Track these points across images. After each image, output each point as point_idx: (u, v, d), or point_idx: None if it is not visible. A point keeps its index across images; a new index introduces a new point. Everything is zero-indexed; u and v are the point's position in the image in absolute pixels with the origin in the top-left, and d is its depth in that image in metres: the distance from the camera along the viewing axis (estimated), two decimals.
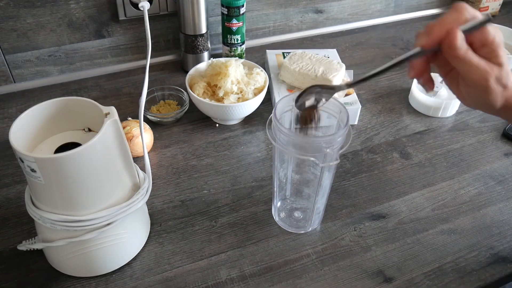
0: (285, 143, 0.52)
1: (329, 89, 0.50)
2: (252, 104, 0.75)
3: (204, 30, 0.87)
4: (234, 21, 0.86)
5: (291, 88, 0.81)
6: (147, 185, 0.55)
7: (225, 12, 0.85)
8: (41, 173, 0.44)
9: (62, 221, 0.48)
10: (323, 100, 0.51)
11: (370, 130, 0.80)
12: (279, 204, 0.64)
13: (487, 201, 0.67)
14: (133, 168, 0.53)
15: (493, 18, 0.46)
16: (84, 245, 0.51)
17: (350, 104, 0.78)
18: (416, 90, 0.82)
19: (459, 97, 0.49)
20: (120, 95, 0.86)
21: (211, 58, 0.85)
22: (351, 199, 0.67)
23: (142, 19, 0.87)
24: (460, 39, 0.42)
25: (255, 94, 0.77)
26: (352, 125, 0.80)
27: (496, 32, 0.43)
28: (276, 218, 0.63)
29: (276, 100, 0.78)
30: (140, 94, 0.71)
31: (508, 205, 0.66)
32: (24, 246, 0.55)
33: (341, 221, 0.63)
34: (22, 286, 0.54)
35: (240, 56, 0.93)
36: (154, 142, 0.74)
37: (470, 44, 0.43)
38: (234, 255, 0.59)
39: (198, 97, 0.74)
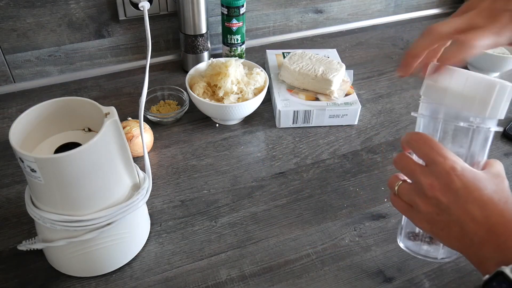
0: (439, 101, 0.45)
1: None
2: (252, 104, 0.75)
3: (204, 30, 0.87)
4: (234, 21, 0.86)
5: (291, 88, 0.81)
6: (147, 185, 0.55)
7: (225, 12, 0.85)
8: (41, 173, 0.44)
9: (62, 221, 0.48)
10: None
11: (370, 130, 0.80)
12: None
13: None
14: (133, 168, 0.53)
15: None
16: (84, 245, 0.51)
17: (350, 104, 0.78)
18: None
19: None
20: (120, 95, 0.86)
21: (211, 58, 0.85)
22: (351, 199, 0.67)
23: (142, 19, 0.87)
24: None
25: (255, 94, 0.77)
26: (352, 125, 0.80)
27: None
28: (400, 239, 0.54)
29: (276, 100, 0.78)
30: (140, 94, 0.71)
31: None
32: (24, 246, 0.55)
33: (341, 221, 0.63)
34: (22, 286, 0.54)
35: (240, 56, 0.92)
36: (154, 142, 0.74)
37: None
38: (234, 255, 0.59)
39: (198, 97, 0.74)
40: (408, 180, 0.46)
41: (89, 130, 0.53)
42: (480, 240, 0.39)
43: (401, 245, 0.54)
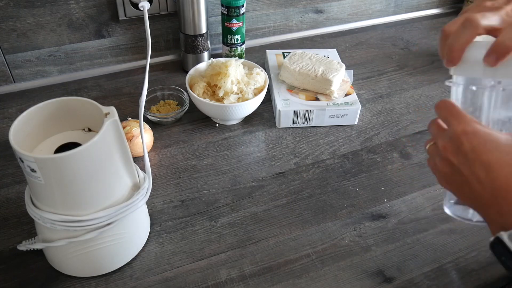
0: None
1: None
2: (252, 104, 0.75)
3: (204, 30, 0.87)
4: (234, 21, 0.86)
5: (291, 88, 0.81)
6: (147, 185, 0.55)
7: (225, 12, 0.85)
8: (41, 173, 0.44)
9: (62, 221, 0.48)
10: None
11: (370, 130, 0.80)
12: None
13: None
14: (133, 168, 0.53)
15: None
16: (84, 245, 0.51)
17: (350, 104, 0.78)
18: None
19: None
20: (120, 95, 0.86)
21: (211, 58, 0.85)
22: (351, 199, 0.67)
23: (142, 19, 0.87)
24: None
25: (255, 94, 0.77)
26: (352, 125, 0.80)
27: None
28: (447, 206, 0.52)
29: (276, 100, 0.78)
30: (140, 94, 0.71)
31: None
32: (24, 246, 0.55)
33: (341, 221, 0.63)
34: (22, 286, 0.54)
35: (240, 56, 0.93)
36: (154, 142, 0.74)
37: None
38: (234, 255, 0.59)
39: (198, 97, 0.74)
40: None
41: (89, 130, 0.53)
42: (486, 202, 0.41)
43: (446, 210, 0.52)
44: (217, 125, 0.80)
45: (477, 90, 0.46)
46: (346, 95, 0.80)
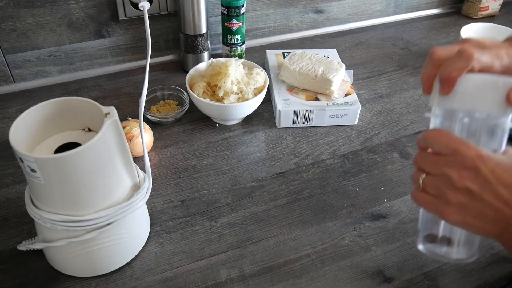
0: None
1: None
2: (252, 104, 0.75)
3: (204, 30, 0.87)
4: (234, 21, 0.86)
5: (291, 88, 0.81)
6: (147, 185, 0.55)
7: (225, 12, 0.85)
8: (41, 173, 0.44)
9: (62, 221, 0.48)
10: None
11: (370, 130, 0.80)
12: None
13: None
14: (133, 168, 0.53)
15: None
16: (84, 245, 0.51)
17: (350, 104, 0.78)
18: None
19: None
20: (120, 95, 0.86)
21: (211, 58, 0.85)
22: (351, 199, 0.67)
23: (142, 19, 0.87)
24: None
25: (255, 94, 0.77)
26: (352, 125, 0.80)
27: None
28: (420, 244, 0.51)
29: (276, 100, 0.78)
30: (140, 94, 0.71)
31: None
32: (24, 246, 0.55)
33: (341, 221, 0.63)
34: (22, 286, 0.54)
35: (240, 56, 0.93)
36: (154, 142, 0.74)
37: None
38: (234, 255, 0.59)
39: (198, 97, 0.74)
40: None
41: (89, 130, 0.53)
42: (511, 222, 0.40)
43: (420, 247, 0.51)
44: (217, 125, 0.80)
45: (459, 121, 0.45)
46: (346, 95, 0.80)
